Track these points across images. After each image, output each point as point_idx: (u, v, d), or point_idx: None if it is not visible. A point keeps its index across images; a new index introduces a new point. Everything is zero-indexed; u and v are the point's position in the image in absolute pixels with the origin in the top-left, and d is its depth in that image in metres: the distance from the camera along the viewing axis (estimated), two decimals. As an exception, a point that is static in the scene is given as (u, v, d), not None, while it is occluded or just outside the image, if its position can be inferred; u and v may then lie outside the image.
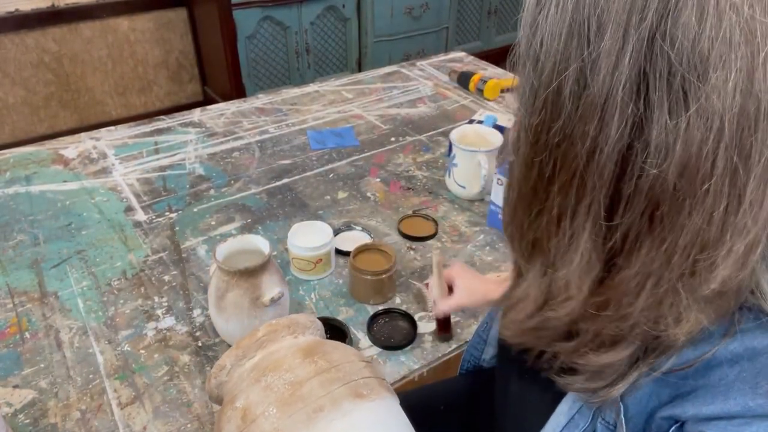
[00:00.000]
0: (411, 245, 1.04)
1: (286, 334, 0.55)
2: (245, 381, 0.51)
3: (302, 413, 0.46)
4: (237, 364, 0.54)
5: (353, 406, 0.47)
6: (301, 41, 2.68)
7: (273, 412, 0.46)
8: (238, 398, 0.50)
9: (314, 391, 0.47)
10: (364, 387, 0.49)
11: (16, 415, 0.74)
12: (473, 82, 1.58)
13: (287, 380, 0.48)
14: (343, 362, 0.51)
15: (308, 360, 0.50)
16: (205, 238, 1.05)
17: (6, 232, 1.07)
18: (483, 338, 0.72)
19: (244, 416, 0.48)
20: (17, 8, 2.45)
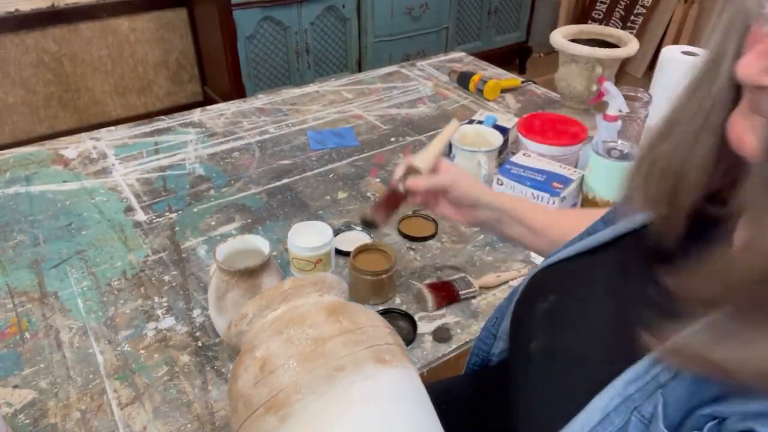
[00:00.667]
0: (411, 245, 1.04)
1: (311, 291, 0.54)
2: (266, 332, 0.50)
3: (323, 370, 0.45)
4: (259, 315, 0.52)
5: (375, 370, 0.46)
6: (301, 41, 2.68)
7: (293, 365, 0.46)
8: (258, 348, 0.49)
9: (337, 350, 0.46)
10: (387, 353, 0.48)
11: (16, 415, 0.74)
12: (473, 82, 1.58)
13: (310, 336, 0.47)
14: (367, 325, 0.50)
15: (333, 318, 0.49)
16: (205, 238, 1.05)
17: (6, 232, 1.07)
18: (492, 333, 0.71)
19: (263, 366, 0.47)
20: (17, 8, 2.45)
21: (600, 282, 0.53)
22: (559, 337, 0.52)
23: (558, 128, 1.17)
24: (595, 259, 0.55)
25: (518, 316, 0.62)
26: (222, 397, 0.77)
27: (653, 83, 1.32)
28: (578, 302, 0.53)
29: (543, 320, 0.55)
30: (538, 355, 0.53)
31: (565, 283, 0.56)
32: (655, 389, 0.40)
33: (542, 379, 0.51)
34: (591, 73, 1.31)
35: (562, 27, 1.40)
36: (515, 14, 3.39)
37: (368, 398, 0.45)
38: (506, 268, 0.98)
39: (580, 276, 0.55)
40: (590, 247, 0.56)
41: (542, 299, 0.56)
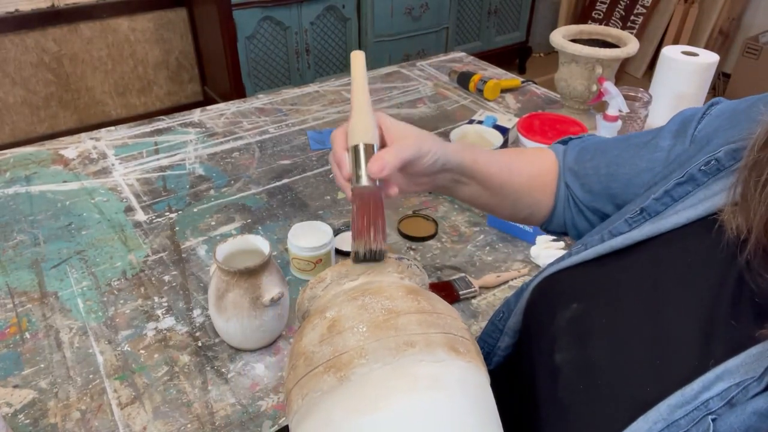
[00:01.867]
0: (411, 245, 1.04)
1: (393, 271, 0.52)
2: (341, 297, 0.48)
3: (392, 341, 0.43)
4: (336, 282, 0.51)
5: (447, 356, 0.44)
6: (301, 41, 2.68)
7: (362, 329, 0.44)
8: (330, 310, 0.47)
9: (411, 326, 0.44)
10: (461, 344, 0.46)
11: (16, 415, 0.74)
12: (473, 82, 1.58)
13: (385, 306, 0.46)
14: (445, 313, 0.48)
15: (411, 297, 0.47)
16: (205, 238, 1.05)
17: (6, 232, 1.07)
18: (499, 328, 0.68)
19: (332, 326, 0.45)
20: (17, 8, 2.45)
21: (629, 290, 0.49)
22: (591, 351, 0.48)
23: (558, 128, 1.17)
24: (620, 264, 0.51)
25: (535, 322, 0.58)
26: (222, 396, 0.77)
27: (653, 83, 1.32)
28: (607, 312, 0.49)
29: (567, 330, 0.51)
30: (566, 369, 0.49)
31: (588, 289, 0.52)
32: (703, 416, 0.37)
33: (574, 395, 0.48)
34: (591, 73, 1.31)
35: (562, 27, 1.40)
36: (515, 14, 3.39)
37: (436, 381, 0.42)
38: (506, 268, 0.98)
39: (605, 282, 0.52)
40: (613, 250, 0.52)
41: (563, 306, 0.53)
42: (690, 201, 0.50)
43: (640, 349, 0.45)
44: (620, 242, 0.51)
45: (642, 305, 0.47)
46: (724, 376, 0.38)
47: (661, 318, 0.45)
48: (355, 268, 0.51)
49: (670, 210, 0.51)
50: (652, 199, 0.52)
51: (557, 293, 0.56)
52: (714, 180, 0.48)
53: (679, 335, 0.43)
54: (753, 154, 0.41)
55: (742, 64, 3.17)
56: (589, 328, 0.50)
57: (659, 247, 0.49)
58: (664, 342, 0.44)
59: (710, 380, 0.38)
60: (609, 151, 0.64)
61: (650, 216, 0.52)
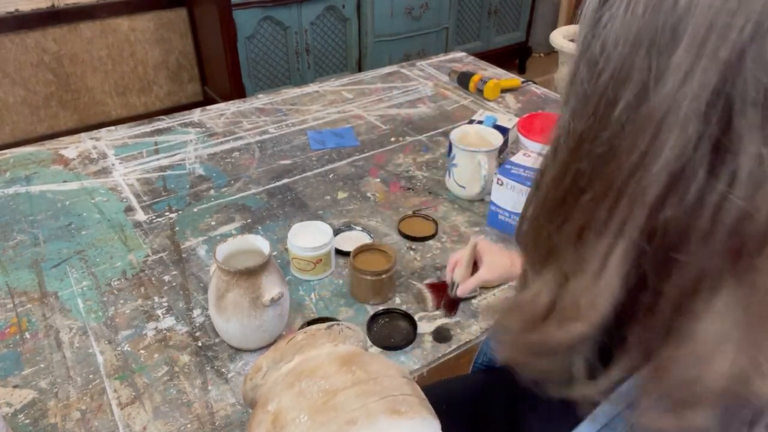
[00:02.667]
0: (411, 245, 1.04)
1: (325, 341, 0.53)
2: (279, 385, 0.49)
3: (334, 424, 0.44)
4: (273, 367, 0.52)
5: (389, 423, 0.44)
6: (301, 41, 2.68)
7: (304, 419, 0.45)
8: (271, 402, 0.48)
9: (349, 402, 0.45)
10: (402, 404, 0.46)
11: (16, 415, 0.74)
12: (473, 82, 1.58)
13: (321, 388, 0.46)
14: (381, 375, 0.48)
15: (345, 368, 0.48)
16: (205, 238, 1.05)
17: (6, 232, 1.07)
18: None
19: (275, 421, 0.46)
20: (17, 8, 2.45)
21: None
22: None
23: (558, 128, 1.17)
24: None
25: None
26: (222, 396, 0.77)
27: (653, 83, 1.32)
28: None
29: None
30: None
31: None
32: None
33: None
34: (591, 73, 1.31)
35: (562, 27, 1.40)
36: (515, 14, 3.39)
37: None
38: (506, 268, 0.98)
39: None
40: None
41: None
42: None
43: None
44: None
45: None
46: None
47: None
48: (288, 349, 0.52)
49: None
50: None
51: None
52: None
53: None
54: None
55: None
56: None
57: None
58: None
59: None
60: None
61: None
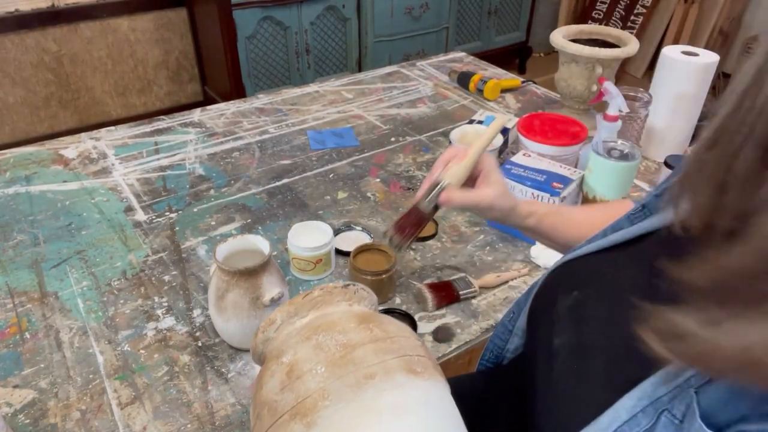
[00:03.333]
0: (411, 245, 1.04)
1: (341, 299, 0.52)
2: (294, 338, 0.48)
3: (352, 377, 0.43)
4: (287, 321, 0.51)
5: (406, 380, 0.44)
6: (301, 41, 2.68)
7: (321, 370, 0.44)
8: (285, 354, 0.47)
9: (367, 357, 0.45)
10: (418, 364, 0.46)
11: (16, 415, 0.74)
12: (473, 82, 1.58)
13: (340, 342, 0.46)
14: (398, 335, 0.48)
15: (363, 326, 0.48)
16: (205, 238, 1.05)
17: (6, 232, 1.07)
18: (509, 328, 0.70)
19: (290, 371, 0.45)
20: (17, 8, 2.45)
21: (623, 279, 0.52)
22: (585, 335, 0.51)
23: (558, 128, 1.17)
24: (620, 256, 0.54)
25: (538, 311, 0.61)
26: (222, 396, 0.77)
27: (653, 83, 1.32)
28: (602, 299, 0.52)
29: (566, 316, 0.54)
30: (563, 352, 0.52)
31: (589, 279, 0.55)
32: (685, 391, 0.39)
33: (567, 375, 0.50)
34: (591, 73, 1.31)
35: (562, 27, 1.40)
36: (515, 14, 3.39)
37: (399, 408, 0.43)
38: (506, 268, 0.98)
39: (604, 272, 0.55)
40: (614, 243, 0.55)
41: (565, 295, 0.55)
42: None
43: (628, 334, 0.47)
44: (620, 237, 0.55)
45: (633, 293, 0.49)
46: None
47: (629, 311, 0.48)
48: (304, 304, 0.51)
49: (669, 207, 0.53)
50: (653, 195, 0.55)
51: (561, 283, 0.58)
52: None
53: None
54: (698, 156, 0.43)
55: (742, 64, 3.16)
56: (586, 314, 0.52)
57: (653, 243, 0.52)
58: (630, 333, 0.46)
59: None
60: None
61: (651, 213, 0.54)
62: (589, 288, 0.54)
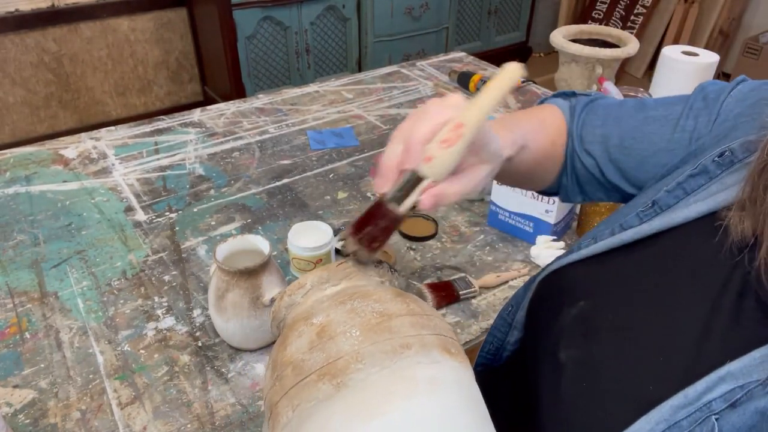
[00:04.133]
0: (411, 245, 1.04)
1: (374, 275, 0.50)
2: (325, 303, 0.46)
3: (388, 344, 0.41)
4: (318, 287, 0.48)
5: (441, 357, 0.43)
6: (301, 41, 2.68)
7: (356, 333, 0.42)
8: (316, 316, 0.45)
9: (404, 328, 0.43)
10: (452, 345, 0.45)
11: (16, 415, 0.74)
12: (473, 82, 1.58)
13: (376, 309, 0.44)
14: (433, 315, 0.47)
15: (400, 299, 0.46)
16: (205, 238, 1.05)
17: (6, 232, 1.07)
18: (508, 321, 0.67)
19: (321, 332, 0.43)
20: (17, 8, 2.45)
21: (636, 288, 0.48)
22: (596, 349, 0.48)
23: (558, 128, 1.17)
24: (629, 259, 0.51)
25: (540, 318, 0.58)
26: (222, 396, 0.77)
27: (653, 83, 1.32)
28: (615, 309, 0.49)
29: (573, 327, 0.51)
30: (571, 366, 0.49)
31: (597, 285, 0.52)
32: (706, 416, 0.37)
33: (578, 392, 0.48)
34: (591, 73, 1.31)
35: (562, 27, 1.40)
36: (515, 14, 3.39)
37: (434, 383, 0.41)
38: (506, 268, 0.98)
39: (613, 279, 0.51)
40: (624, 243, 0.51)
41: (571, 303, 0.52)
42: (702, 194, 0.48)
43: (644, 348, 0.45)
44: (630, 236, 0.51)
45: (648, 304, 0.47)
46: (727, 378, 0.38)
47: (666, 317, 0.45)
48: (337, 272, 0.49)
49: (682, 203, 0.50)
50: (664, 191, 0.51)
51: (564, 288, 0.55)
52: (728, 173, 0.47)
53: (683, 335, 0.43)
54: (763, 157, 0.40)
55: (742, 64, 3.17)
56: (595, 326, 0.49)
57: (668, 243, 0.49)
58: (668, 342, 0.44)
59: (713, 381, 0.38)
60: (623, 121, 0.60)
61: (662, 209, 0.51)
62: (597, 297, 0.51)
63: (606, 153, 0.61)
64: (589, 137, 0.62)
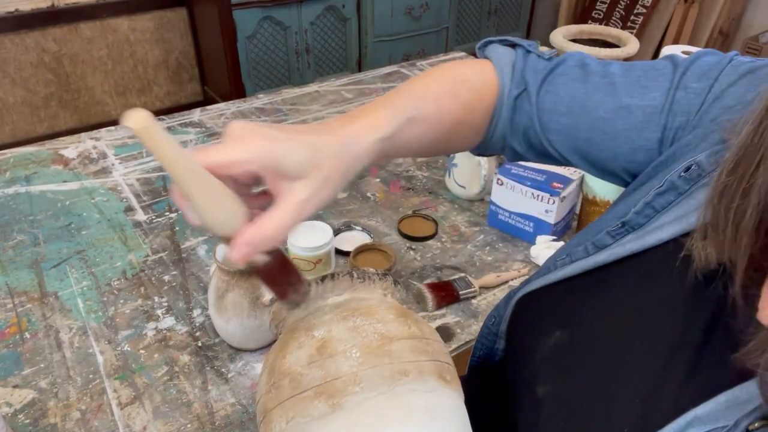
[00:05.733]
0: (411, 245, 1.04)
1: (378, 288, 0.50)
2: (328, 315, 0.46)
3: (386, 369, 0.42)
4: (321, 295, 0.48)
5: (437, 386, 0.43)
6: (301, 41, 2.68)
7: (356, 355, 0.42)
8: (318, 328, 0.45)
9: (404, 353, 0.43)
10: (448, 372, 0.45)
11: (16, 415, 0.74)
12: (473, 82, 1.57)
13: (378, 330, 0.44)
14: (432, 338, 0.47)
15: (402, 320, 0.46)
16: (205, 238, 1.05)
17: (6, 232, 1.07)
18: (493, 331, 0.66)
19: (322, 347, 0.43)
20: (17, 8, 2.45)
21: (611, 317, 0.47)
22: (572, 385, 0.47)
23: (558, 128, 1.17)
24: (604, 285, 0.48)
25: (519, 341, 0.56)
26: (222, 396, 0.77)
27: (653, 83, 1.32)
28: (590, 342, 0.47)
29: (550, 361, 0.49)
30: (549, 403, 0.48)
31: (572, 315, 0.50)
32: None
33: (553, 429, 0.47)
34: (591, 73, 1.31)
35: (562, 27, 1.40)
36: (515, 14, 3.39)
37: (429, 412, 0.42)
38: (506, 268, 0.98)
39: (589, 307, 0.49)
40: (598, 266, 0.49)
41: (547, 332, 0.50)
42: (674, 212, 0.45)
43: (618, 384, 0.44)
44: (603, 258, 0.48)
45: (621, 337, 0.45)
46: (695, 423, 0.38)
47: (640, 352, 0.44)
48: (341, 282, 0.48)
49: (654, 222, 0.46)
50: (633, 212, 0.48)
51: (541, 313, 0.53)
52: (697, 188, 0.44)
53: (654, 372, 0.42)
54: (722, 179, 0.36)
55: None
56: (571, 360, 0.48)
57: (641, 268, 0.46)
58: (640, 380, 0.43)
59: (681, 426, 0.38)
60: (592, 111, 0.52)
61: (633, 229, 0.48)
62: (572, 327, 0.49)
63: (573, 146, 0.54)
64: (553, 125, 0.54)
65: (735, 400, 0.37)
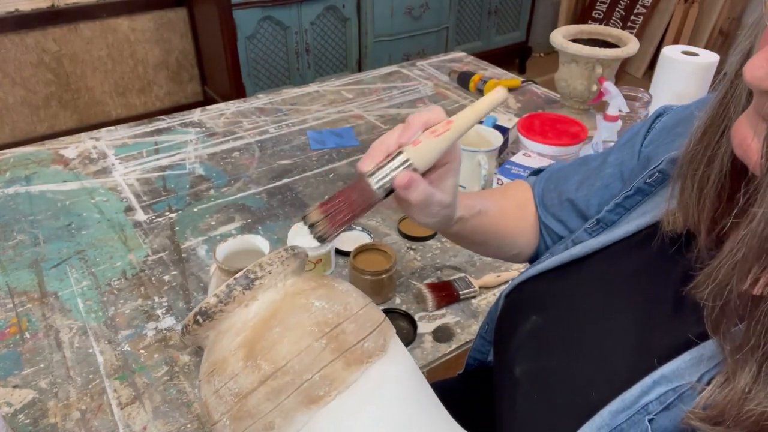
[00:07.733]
0: (411, 245, 1.04)
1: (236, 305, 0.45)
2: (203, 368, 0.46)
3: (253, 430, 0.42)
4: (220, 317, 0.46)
5: (308, 416, 0.41)
6: (301, 41, 2.68)
7: (227, 423, 0.43)
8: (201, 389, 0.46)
9: (261, 405, 0.42)
10: (319, 386, 0.41)
11: (16, 415, 0.74)
12: (473, 82, 1.58)
13: (233, 391, 0.43)
14: (291, 357, 0.42)
15: (250, 363, 0.43)
16: (205, 238, 1.05)
17: (6, 232, 1.07)
18: (487, 340, 0.69)
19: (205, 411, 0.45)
20: (17, 8, 2.45)
21: (583, 300, 0.50)
22: (545, 362, 0.49)
23: (558, 128, 1.17)
24: (578, 274, 0.53)
25: (501, 336, 0.59)
26: (222, 397, 0.77)
27: (653, 83, 1.32)
28: (564, 322, 0.50)
29: (526, 343, 0.52)
30: (524, 381, 0.50)
31: (547, 301, 0.54)
32: (642, 419, 0.38)
33: (530, 406, 0.49)
34: (591, 73, 1.31)
35: (562, 27, 1.40)
36: (515, 14, 3.39)
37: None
38: (506, 268, 0.98)
39: (562, 293, 0.53)
40: (573, 258, 0.53)
41: (524, 319, 0.54)
42: (642, 209, 0.51)
43: (589, 357, 0.46)
44: (579, 251, 0.53)
45: (593, 314, 0.49)
46: (662, 381, 0.39)
47: (608, 326, 0.47)
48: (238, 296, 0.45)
49: (624, 219, 0.53)
50: (605, 210, 0.54)
51: (521, 303, 0.57)
52: (662, 188, 0.50)
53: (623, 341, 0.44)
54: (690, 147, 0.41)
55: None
56: (545, 340, 0.51)
57: (612, 255, 0.51)
58: (609, 349, 0.45)
59: (648, 385, 0.39)
60: (569, 178, 0.65)
61: (607, 225, 0.54)
62: (547, 311, 0.52)
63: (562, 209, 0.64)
64: (550, 201, 0.66)
65: (699, 357, 0.38)
